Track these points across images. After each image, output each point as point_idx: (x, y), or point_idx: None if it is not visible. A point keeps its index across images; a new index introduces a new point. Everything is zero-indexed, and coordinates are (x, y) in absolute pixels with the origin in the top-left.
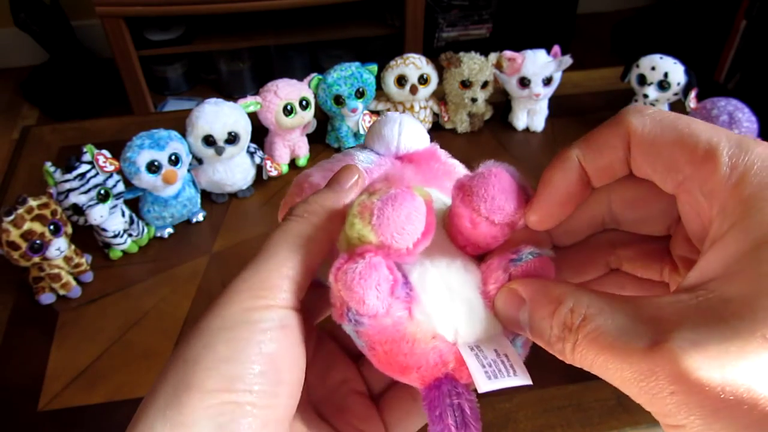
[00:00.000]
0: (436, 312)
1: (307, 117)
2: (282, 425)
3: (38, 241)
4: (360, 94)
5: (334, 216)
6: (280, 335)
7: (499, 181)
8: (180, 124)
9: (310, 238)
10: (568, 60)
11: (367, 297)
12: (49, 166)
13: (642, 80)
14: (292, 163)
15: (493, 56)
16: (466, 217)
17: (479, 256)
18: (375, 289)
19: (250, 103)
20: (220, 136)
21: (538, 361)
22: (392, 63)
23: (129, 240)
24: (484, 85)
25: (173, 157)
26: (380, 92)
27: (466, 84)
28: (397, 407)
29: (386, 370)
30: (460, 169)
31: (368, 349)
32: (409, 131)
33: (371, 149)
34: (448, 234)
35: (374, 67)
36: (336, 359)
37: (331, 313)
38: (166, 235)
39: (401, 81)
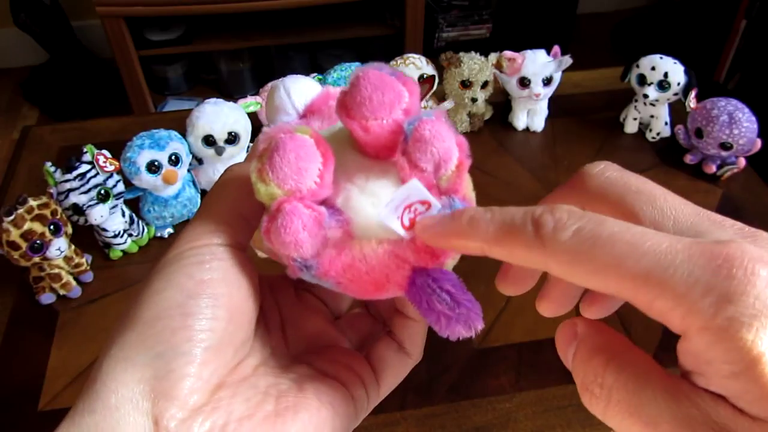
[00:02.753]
0: (370, 222)
1: None
2: (224, 353)
3: (38, 241)
4: None
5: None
6: (212, 265)
7: (368, 81)
8: (180, 124)
9: (236, 183)
10: (568, 60)
11: (300, 241)
12: (49, 166)
13: (642, 80)
14: None
15: (493, 56)
16: (357, 128)
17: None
18: (303, 231)
19: (250, 103)
20: (220, 136)
21: (538, 361)
22: (392, 63)
23: (129, 240)
24: (484, 85)
25: (173, 157)
26: None
27: (466, 84)
28: (382, 351)
29: (365, 295)
30: None
31: (337, 285)
32: (297, 89)
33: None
34: (361, 151)
35: None
36: (319, 313)
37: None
38: (166, 235)
39: None
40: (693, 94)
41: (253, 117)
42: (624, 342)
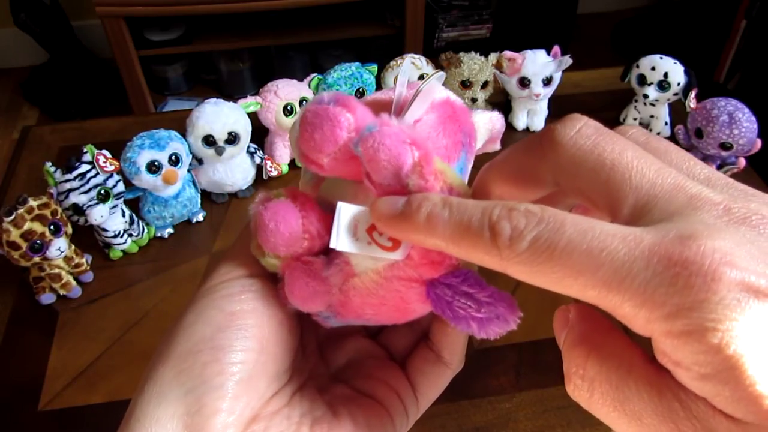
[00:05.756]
0: (363, 258)
1: None
2: (256, 385)
3: (38, 241)
4: (360, 95)
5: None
6: (242, 297)
7: (306, 121)
8: (180, 124)
9: None
10: (568, 60)
11: (308, 300)
12: (49, 166)
13: (642, 80)
14: (293, 163)
15: (493, 56)
16: (315, 169)
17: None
18: (307, 288)
19: (250, 103)
20: (220, 136)
21: (538, 361)
22: (392, 63)
23: (129, 240)
24: (484, 85)
25: (173, 157)
26: None
27: (466, 84)
28: (419, 363)
29: (397, 321)
30: None
31: (365, 322)
32: None
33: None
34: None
35: (374, 67)
36: (356, 331)
37: None
38: (166, 235)
39: None
40: (693, 94)
41: (253, 117)
42: (609, 330)
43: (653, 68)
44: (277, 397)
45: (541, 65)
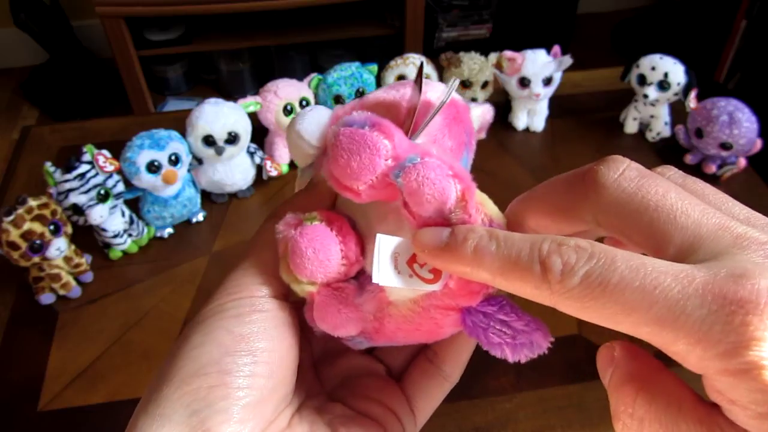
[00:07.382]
0: (398, 287)
1: None
2: (262, 409)
3: (38, 241)
4: (360, 95)
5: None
6: (252, 318)
7: (342, 148)
8: (180, 124)
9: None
10: (568, 60)
11: (341, 327)
12: (49, 166)
13: (642, 80)
14: (292, 163)
15: (493, 56)
16: (351, 195)
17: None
18: (340, 315)
19: (250, 103)
20: (220, 136)
21: (538, 361)
22: (392, 63)
23: (129, 240)
24: (484, 85)
25: (173, 157)
26: None
27: (466, 84)
28: (417, 377)
29: (428, 341)
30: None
31: (393, 343)
32: (305, 127)
33: (307, 166)
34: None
35: (374, 67)
36: (348, 348)
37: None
38: (166, 235)
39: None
40: (693, 94)
41: (253, 117)
42: (658, 368)
43: (653, 68)
44: (279, 419)
45: (541, 65)
